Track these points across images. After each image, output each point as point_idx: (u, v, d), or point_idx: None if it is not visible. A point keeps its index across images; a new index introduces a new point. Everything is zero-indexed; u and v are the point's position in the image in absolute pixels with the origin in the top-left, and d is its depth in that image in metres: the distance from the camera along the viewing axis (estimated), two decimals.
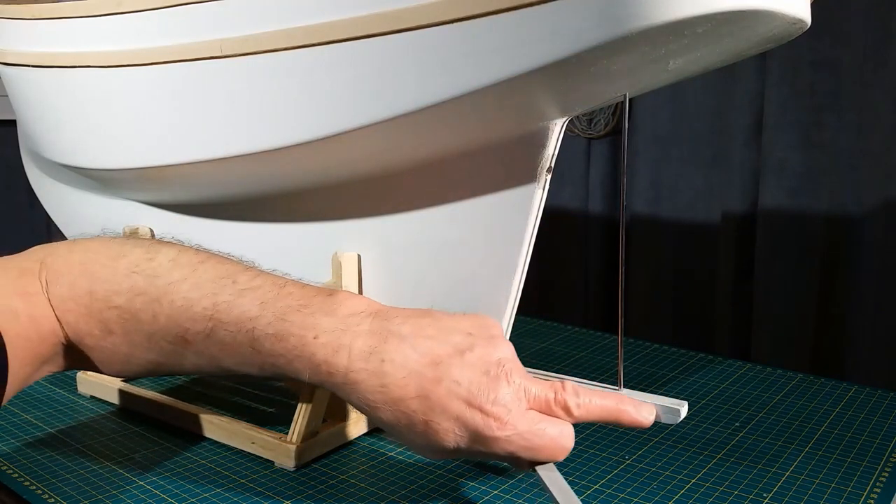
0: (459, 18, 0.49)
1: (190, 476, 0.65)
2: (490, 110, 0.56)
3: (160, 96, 0.65)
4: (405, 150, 0.62)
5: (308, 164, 0.64)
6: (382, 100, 0.54)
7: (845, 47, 1.09)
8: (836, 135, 1.11)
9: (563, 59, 0.47)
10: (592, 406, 0.50)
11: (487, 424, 0.46)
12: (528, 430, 0.47)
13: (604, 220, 1.41)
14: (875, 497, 0.61)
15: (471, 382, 0.47)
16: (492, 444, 0.47)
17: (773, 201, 1.17)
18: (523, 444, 0.48)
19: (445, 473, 0.66)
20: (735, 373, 0.89)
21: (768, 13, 0.49)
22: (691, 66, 0.57)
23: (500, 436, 0.47)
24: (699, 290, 1.31)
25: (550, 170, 0.60)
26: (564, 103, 0.57)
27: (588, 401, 0.50)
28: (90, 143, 0.73)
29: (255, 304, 0.49)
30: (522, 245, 0.60)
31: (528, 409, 0.48)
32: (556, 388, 0.49)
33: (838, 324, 1.15)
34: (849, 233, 1.12)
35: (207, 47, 0.59)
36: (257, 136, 0.61)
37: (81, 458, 0.68)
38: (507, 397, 0.47)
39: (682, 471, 0.65)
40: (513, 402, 0.47)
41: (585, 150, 1.42)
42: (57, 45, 0.70)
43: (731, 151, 1.22)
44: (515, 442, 0.47)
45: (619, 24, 0.45)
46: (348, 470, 0.66)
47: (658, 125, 1.31)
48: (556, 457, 0.50)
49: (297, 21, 0.55)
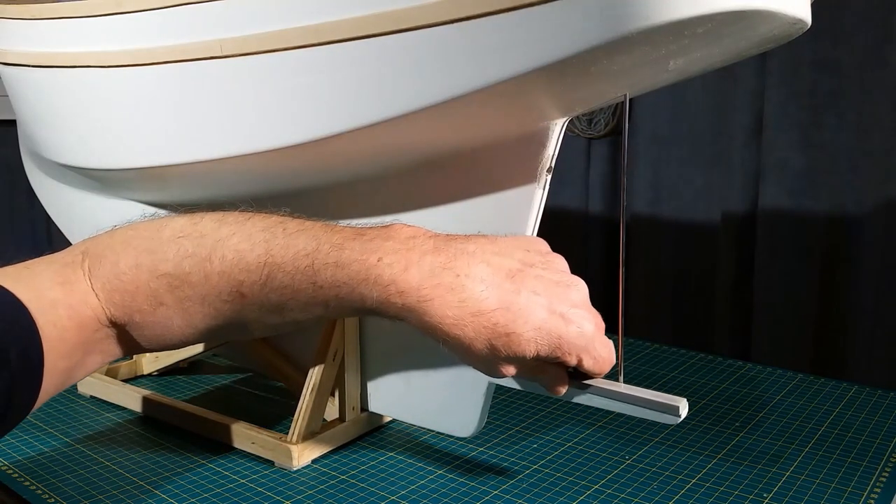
0: (459, 18, 0.49)
1: (190, 476, 0.65)
2: (490, 110, 0.56)
3: (160, 96, 0.65)
4: (405, 151, 0.62)
5: (308, 165, 0.64)
6: (382, 100, 0.54)
7: (845, 47, 1.08)
8: (836, 135, 1.11)
9: (563, 58, 0.47)
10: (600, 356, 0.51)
11: (569, 329, 0.47)
12: (599, 335, 0.49)
13: (604, 220, 1.40)
14: (875, 497, 0.61)
15: (547, 291, 0.47)
16: (570, 349, 0.48)
17: (773, 201, 1.17)
18: (594, 351, 0.49)
19: (445, 473, 0.66)
20: (735, 373, 0.89)
21: (768, 13, 0.49)
22: (691, 66, 0.57)
23: (579, 343, 0.48)
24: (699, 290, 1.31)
25: (550, 170, 0.60)
26: (565, 103, 0.57)
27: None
28: (90, 143, 0.73)
29: (310, 241, 0.48)
30: None
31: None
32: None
33: (838, 324, 1.14)
34: (849, 233, 1.12)
35: (207, 47, 0.59)
36: (257, 136, 0.61)
37: (81, 458, 0.68)
38: (580, 303, 0.49)
39: (682, 471, 0.65)
40: (585, 307, 0.49)
41: (585, 150, 1.42)
42: (57, 45, 0.70)
43: (731, 151, 1.22)
44: (589, 348, 0.48)
45: (619, 24, 0.45)
46: (348, 470, 0.66)
47: (658, 125, 1.31)
48: (605, 369, 0.51)
49: (297, 21, 0.55)
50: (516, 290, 0.47)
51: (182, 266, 0.49)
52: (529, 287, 0.47)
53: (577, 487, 0.63)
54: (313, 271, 0.47)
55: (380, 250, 0.47)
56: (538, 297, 0.47)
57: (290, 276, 0.48)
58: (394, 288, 0.46)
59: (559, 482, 0.64)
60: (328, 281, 0.47)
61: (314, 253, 0.48)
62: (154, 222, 0.51)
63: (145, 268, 0.49)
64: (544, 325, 0.47)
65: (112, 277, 0.48)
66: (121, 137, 0.70)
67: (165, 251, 0.49)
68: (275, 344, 0.79)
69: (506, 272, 0.47)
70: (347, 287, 0.47)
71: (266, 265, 0.48)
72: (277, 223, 0.50)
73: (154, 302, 0.49)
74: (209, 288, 0.49)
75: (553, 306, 0.47)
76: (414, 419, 0.70)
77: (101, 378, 0.83)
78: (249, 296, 0.48)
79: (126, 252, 0.49)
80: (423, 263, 0.46)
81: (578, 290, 0.49)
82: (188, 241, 0.49)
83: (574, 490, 0.62)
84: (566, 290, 0.48)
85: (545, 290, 0.48)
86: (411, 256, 0.47)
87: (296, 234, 0.49)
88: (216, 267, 0.48)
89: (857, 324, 1.12)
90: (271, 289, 0.48)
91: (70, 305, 0.47)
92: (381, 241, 0.47)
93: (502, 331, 0.46)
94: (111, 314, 0.48)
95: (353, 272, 0.47)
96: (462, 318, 0.46)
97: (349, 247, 0.47)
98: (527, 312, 0.47)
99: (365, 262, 0.47)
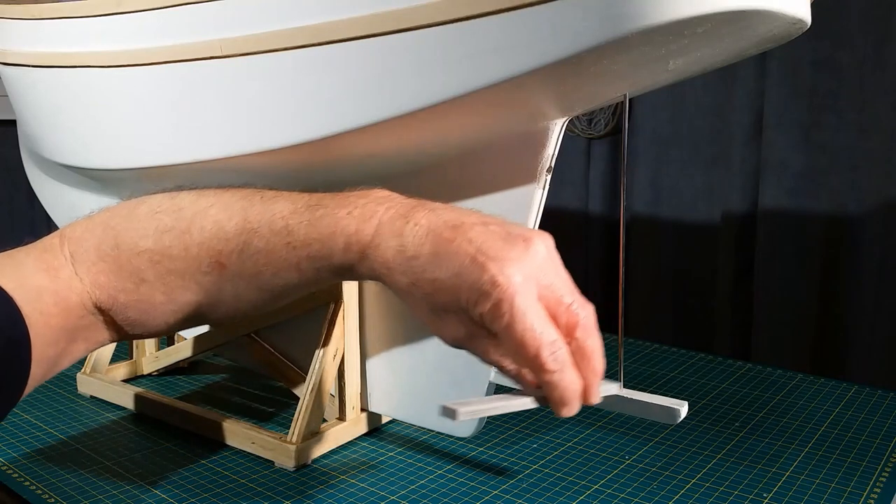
0: (459, 18, 0.49)
1: (190, 476, 0.65)
2: (490, 111, 0.56)
3: (160, 96, 0.65)
4: (405, 151, 0.62)
5: (307, 165, 0.64)
6: (382, 100, 0.54)
7: (845, 47, 1.09)
8: (836, 135, 1.11)
9: (563, 59, 0.47)
10: (589, 349, 0.44)
11: (482, 280, 0.41)
12: (522, 310, 0.41)
13: (604, 220, 1.40)
14: (875, 497, 0.61)
15: (483, 242, 0.42)
16: (482, 305, 0.41)
17: (773, 201, 1.17)
18: (511, 329, 0.41)
19: (445, 473, 0.66)
20: (735, 373, 0.89)
21: (768, 13, 0.49)
22: (691, 66, 0.57)
23: (494, 297, 0.41)
24: (699, 290, 1.31)
25: (550, 170, 0.60)
26: (564, 103, 0.57)
27: (592, 344, 0.44)
28: (90, 143, 0.73)
29: (286, 205, 0.48)
30: None
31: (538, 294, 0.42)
32: (577, 298, 0.44)
33: (838, 324, 1.14)
34: (849, 233, 1.12)
35: (207, 47, 0.59)
36: (257, 136, 0.61)
37: (81, 458, 0.68)
38: (517, 261, 0.42)
39: (682, 471, 0.65)
40: (521, 268, 0.42)
41: (585, 150, 1.42)
42: (57, 45, 0.70)
43: (731, 151, 1.22)
44: (503, 317, 0.41)
45: (619, 24, 0.45)
46: (348, 470, 0.66)
47: (658, 125, 1.31)
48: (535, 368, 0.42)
49: (296, 21, 0.55)
50: (451, 238, 0.43)
51: (162, 240, 0.49)
52: (468, 236, 0.43)
53: (577, 487, 0.63)
54: (287, 231, 0.47)
55: (351, 205, 0.47)
56: (469, 246, 0.42)
57: (266, 239, 0.48)
58: (354, 237, 0.46)
59: (559, 482, 0.64)
60: (301, 240, 0.47)
61: (290, 214, 0.48)
62: (130, 202, 0.52)
63: (126, 246, 0.49)
64: (462, 272, 0.42)
65: (96, 260, 0.49)
66: (121, 137, 0.70)
67: (145, 227, 0.49)
68: (275, 344, 0.79)
69: (452, 223, 0.43)
70: (318, 242, 0.47)
71: (244, 232, 0.48)
72: (255, 192, 0.50)
73: (136, 279, 0.49)
74: (189, 261, 0.49)
75: (478, 255, 0.42)
76: (414, 419, 0.70)
77: (101, 378, 0.83)
78: (228, 265, 0.48)
79: (106, 233, 0.50)
80: (385, 215, 0.46)
81: (527, 251, 0.42)
82: (166, 216, 0.49)
83: (574, 490, 0.63)
84: (509, 245, 0.42)
85: (483, 241, 0.42)
86: (378, 209, 0.46)
87: (273, 199, 0.49)
88: (195, 238, 0.48)
89: (857, 324, 1.12)
90: (247, 255, 0.48)
91: (56, 291, 0.47)
92: (355, 198, 0.47)
93: (428, 277, 0.43)
94: (96, 298, 0.49)
95: (323, 226, 0.46)
96: (400, 264, 0.44)
97: (324, 205, 0.47)
98: (452, 258, 0.42)
99: (335, 216, 0.46)
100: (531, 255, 0.42)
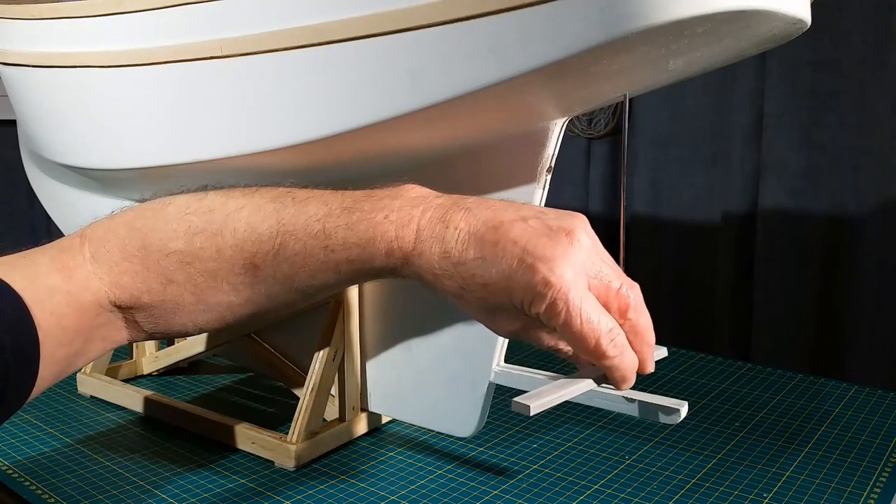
0: (459, 18, 0.49)
1: (190, 476, 0.65)
2: (490, 111, 0.56)
3: (160, 96, 0.65)
4: (404, 151, 0.62)
5: (307, 164, 0.64)
6: (382, 100, 0.54)
7: (845, 47, 1.09)
8: (836, 135, 1.11)
9: (563, 58, 0.47)
10: (642, 326, 0.45)
11: (535, 281, 0.42)
12: (577, 305, 0.42)
13: (604, 220, 1.40)
14: (875, 497, 0.61)
15: (528, 241, 0.43)
16: (537, 306, 0.42)
17: (773, 201, 1.17)
18: (569, 325, 0.42)
19: (445, 473, 0.66)
20: (735, 373, 0.89)
21: (768, 13, 0.49)
22: (691, 66, 0.57)
23: (549, 297, 0.42)
24: (699, 290, 1.31)
25: (550, 170, 0.60)
26: (564, 103, 0.57)
27: (644, 322, 0.45)
28: (90, 143, 0.73)
29: (320, 207, 0.48)
30: None
31: (588, 285, 0.43)
32: (624, 280, 0.45)
33: (838, 324, 1.14)
34: (849, 233, 1.12)
35: (207, 47, 0.59)
36: (256, 136, 0.61)
37: (81, 458, 0.68)
38: (565, 258, 0.42)
39: (682, 471, 0.65)
40: (570, 264, 0.42)
41: (585, 150, 1.42)
42: (57, 45, 0.70)
43: (731, 151, 1.22)
44: (560, 315, 0.42)
45: (619, 24, 0.45)
46: (348, 470, 0.66)
47: (658, 125, 1.31)
48: (596, 356, 0.44)
49: (296, 21, 0.55)
50: (495, 241, 0.43)
51: (193, 242, 0.48)
52: (511, 236, 0.43)
53: (577, 487, 0.63)
54: (325, 235, 0.47)
55: (387, 208, 0.47)
56: (514, 247, 0.43)
57: (303, 242, 0.47)
58: (396, 244, 0.46)
59: (559, 482, 0.64)
60: (340, 244, 0.47)
61: (325, 217, 0.47)
62: (154, 203, 0.51)
63: (154, 247, 0.48)
64: (513, 276, 0.43)
65: (120, 260, 0.48)
66: (121, 137, 0.70)
67: (174, 229, 0.49)
68: (275, 344, 0.79)
69: (492, 224, 0.44)
70: (358, 248, 0.47)
71: (279, 234, 0.48)
72: (286, 193, 0.50)
73: (164, 280, 0.48)
74: (222, 262, 0.48)
75: (526, 255, 0.42)
76: (414, 419, 0.70)
77: (101, 378, 0.83)
78: (262, 267, 0.48)
79: (131, 234, 0.49)
80: (423, 218, 0.46)
81: (571, 246, 0.43)
82: (196, 218, 0.49)
83: (574, 490, 0.63)
84: (553, 241, 0.43)
85: (528, 240, 0.43)
86: (414, 213, 0.46)
87: (305, 201, 0.49)
88: (228, 241, 0.48)
89: (857, 324, 1.12)
90: (283, 258, 0.48)
91: (69, 292, 0.47)
92: (389, 200, 0.47)
93: (478, 282, 0.44)
94: (116, 297, 0.48)
95: (362, 231, 0.46)
96: (446, 269, 0.45)
97: (359, 208, 0.47)
98: (499, 262, 0.43)
99: (373, 221, 0.46)
100: (576, 249, 0.43)
